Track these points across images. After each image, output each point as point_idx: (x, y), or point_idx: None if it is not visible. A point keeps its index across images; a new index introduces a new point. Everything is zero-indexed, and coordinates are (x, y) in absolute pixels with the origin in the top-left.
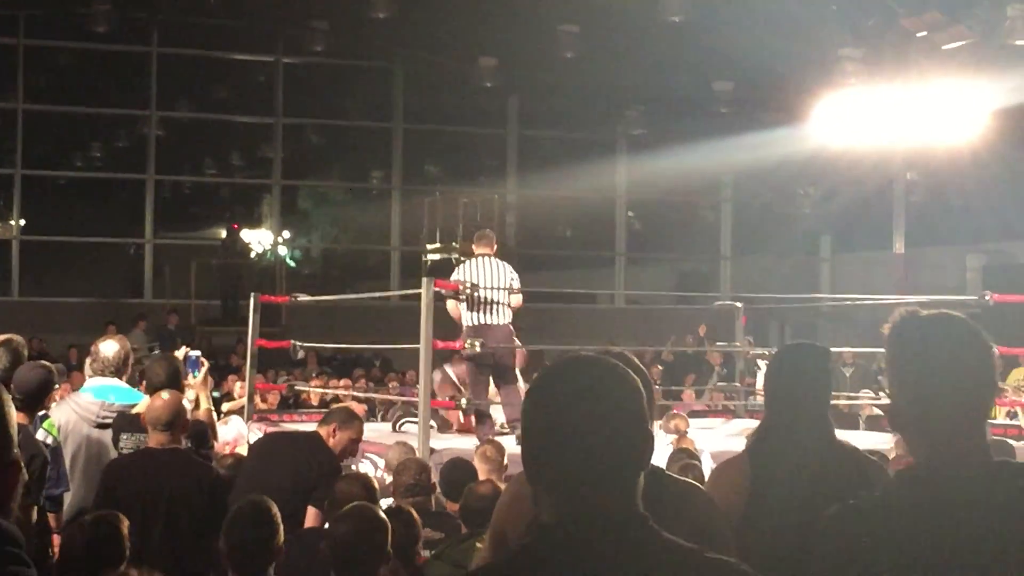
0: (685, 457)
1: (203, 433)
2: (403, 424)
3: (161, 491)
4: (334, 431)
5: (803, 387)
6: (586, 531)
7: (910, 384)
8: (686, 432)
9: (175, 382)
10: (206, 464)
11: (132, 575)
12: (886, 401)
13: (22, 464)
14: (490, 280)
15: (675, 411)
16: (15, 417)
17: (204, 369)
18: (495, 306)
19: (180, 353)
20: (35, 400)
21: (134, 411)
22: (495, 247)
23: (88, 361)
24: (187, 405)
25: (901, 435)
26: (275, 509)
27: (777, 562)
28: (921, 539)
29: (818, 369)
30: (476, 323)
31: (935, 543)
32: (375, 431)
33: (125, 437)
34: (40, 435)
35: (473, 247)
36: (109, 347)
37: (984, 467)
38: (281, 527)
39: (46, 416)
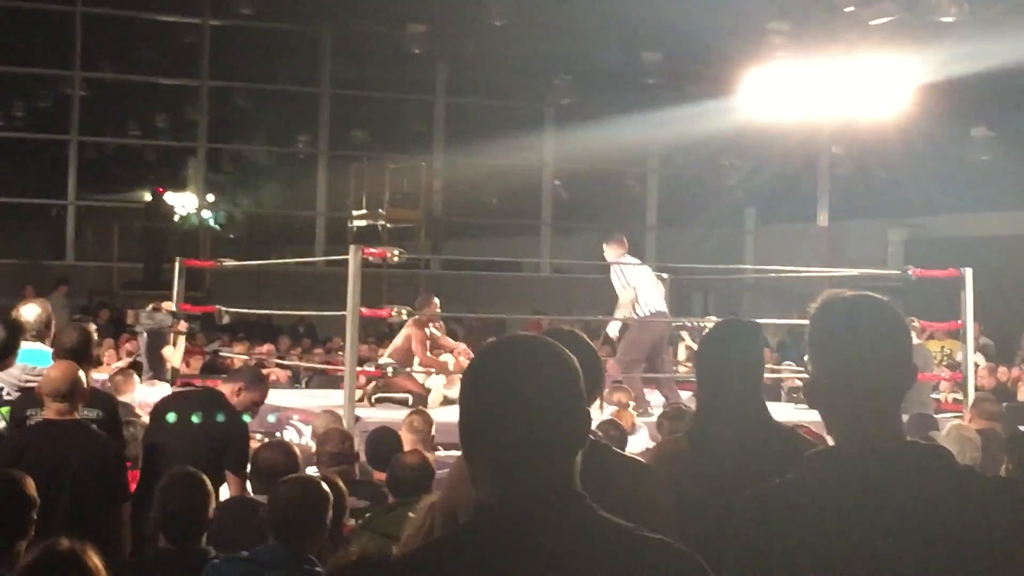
0: (610, 428)
1: (111, 404)
2: (379, 400)
3: (67, 463)
4: (238, 391)
5: (736, 366)
6: (524, 510)
7: (829, 363)
8: (628, 405)
9: (85, 350)
10: (104, 435)
11: (64, 544)
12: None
13: None
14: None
15: (618, 383)
16: None
17: None
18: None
19: None
20: None
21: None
22: (627, 247)
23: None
24: (82, 376)
25: (819, 412)
26: (206, 479)
27: (710, 544)
28: (834, 518)
29: (750, 347)
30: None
31: (847, 522)
32: (301, 397)
33: (32, 413)
34: None
35: (611, 249)
36: (30, 311)
37: (897, 447)
38: (212, 495)
39: (7, 403)
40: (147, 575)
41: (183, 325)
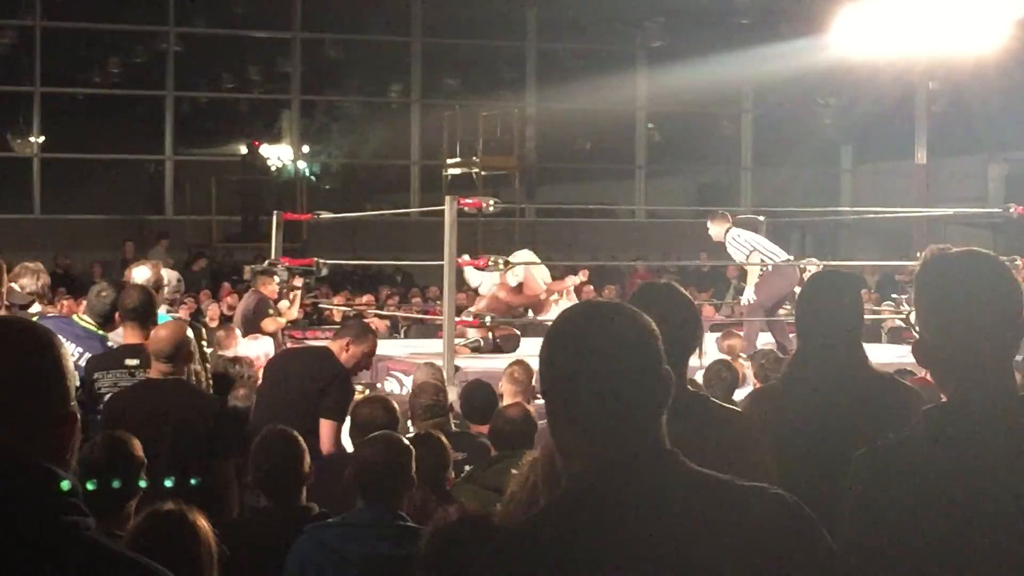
0: (722, 369)
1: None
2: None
3: (165, 419)
4: (347, 345)
5: (836, 316)
6: (618, 475)
7: (937, 323)
8: (739, 354)
9: (149, 311)
10: (210, 394)
11: (171, 507)
12: (909, 314)
13: (78, 416)
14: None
15: (733, 330)
16: (72, 370)
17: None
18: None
19: None
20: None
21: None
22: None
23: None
24: (190, 336)
25: (928, 370)
26: (298, 436)
27: (808, 494)
28: (950, 476)
29: (850, 298)
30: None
31: (964, 480)
32: (401, 347)
33: (99, 376)
34: None
35: (717, 226)
36: (141, 273)
37: (1012, 400)
38: (306, 452)
39: None
40: (248, 534)
41: (298, 280)
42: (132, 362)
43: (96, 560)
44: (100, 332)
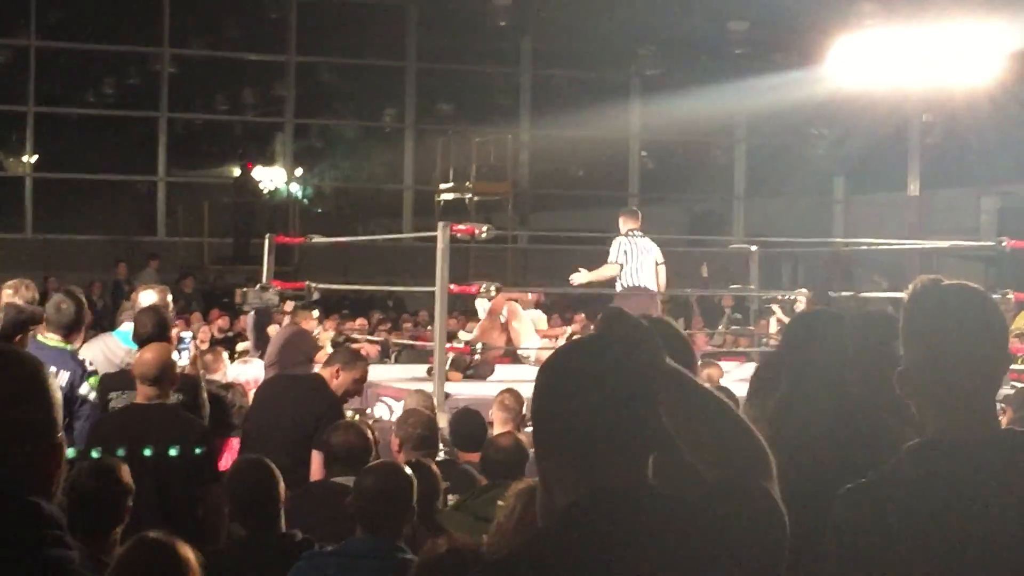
0: None
1: (195, 387)
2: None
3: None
4: (337, 372)
5: (819, 356)
6: (604, 507)
7: (923, 354)
8: (719, 381)
9: (163, 334)
10: (194, 418)
11: (154, 536)
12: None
13: (64, 447)
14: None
15: (709, 360)
16: (60, 399)
17: (193, 352)
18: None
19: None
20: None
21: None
22: (640, 222)
23: (127, 305)
24: (175, 358)
25: (911, 401)
26: (271, 464)
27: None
28: (935, 511)
29: (834, 336)
30: (629, 285)
31: (948, 515)
32: (391, 373)
33: (115, 396)
34: (83, 390)
35: (624, 221)
36: (147, 296)
37: (993, 436)
38: (280, 480)
39: (94, 372)
40: (231, 563)
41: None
42: None
43: None
44: (68, 347)
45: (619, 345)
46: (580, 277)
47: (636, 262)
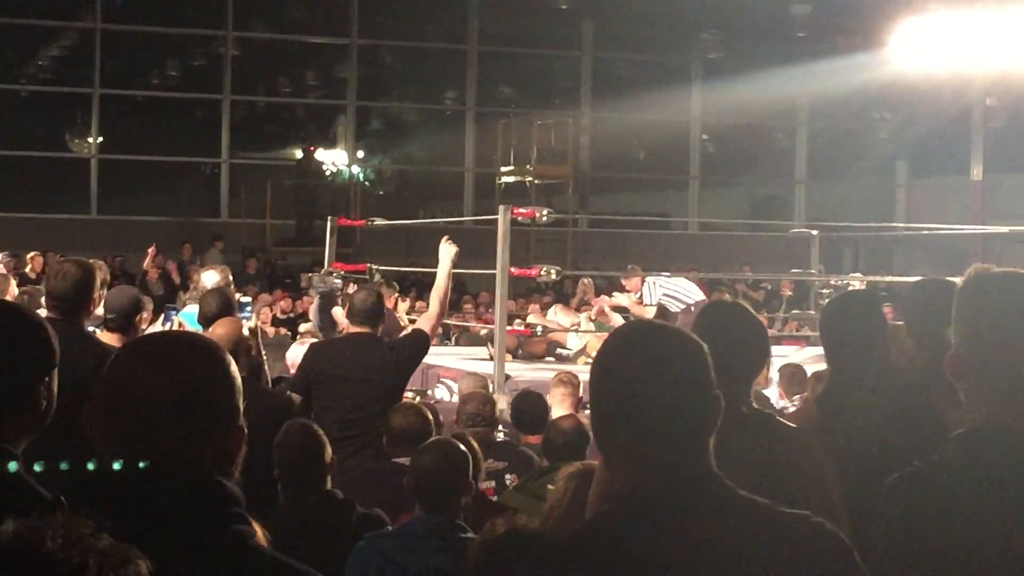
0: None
1: (258, 367)
2: None
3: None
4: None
5: (861, 336)
6: (662, 496)
7: (975, 341)
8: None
9: (228, 313)
10: (272, 390)
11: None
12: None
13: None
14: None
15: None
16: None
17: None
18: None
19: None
20: (127, 321)
21: None
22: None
23: (190, 287)
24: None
25: (960, 387)
26: (318, 430)
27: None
28: (984, 499)
29: (872, 315)
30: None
31: (996, 505)
32: (451, 355)
33: None
34: None
35: (630, 283)
36: (210, 277)
37: None
38: (327, 444)
39: None
40: (284, 522)
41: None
42: None
43: (262, 567)
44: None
45: (671, 331)
46: (621, 300)
47: (666, 286)
